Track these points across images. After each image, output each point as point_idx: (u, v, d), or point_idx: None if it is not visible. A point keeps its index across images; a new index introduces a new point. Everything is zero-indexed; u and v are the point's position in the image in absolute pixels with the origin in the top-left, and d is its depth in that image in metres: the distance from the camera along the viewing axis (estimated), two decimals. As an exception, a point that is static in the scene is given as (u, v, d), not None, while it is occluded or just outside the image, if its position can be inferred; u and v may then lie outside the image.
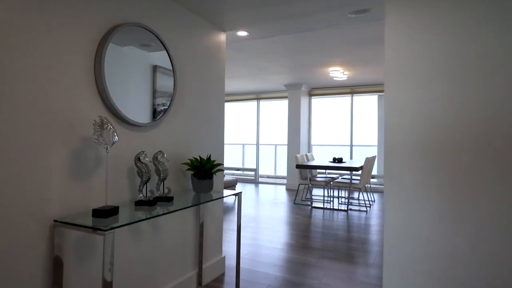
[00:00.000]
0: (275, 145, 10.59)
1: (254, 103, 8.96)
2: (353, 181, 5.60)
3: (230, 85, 8.02)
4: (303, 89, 7.81)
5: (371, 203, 6.08)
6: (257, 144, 8.96)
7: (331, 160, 6.34)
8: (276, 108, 10.06)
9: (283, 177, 9.05)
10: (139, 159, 1.85)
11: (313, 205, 5.83)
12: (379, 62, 5.40)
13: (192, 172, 2.28)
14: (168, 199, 1.96)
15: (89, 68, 1.73)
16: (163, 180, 1.98)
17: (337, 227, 4.48)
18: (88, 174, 1.71)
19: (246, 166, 10.52)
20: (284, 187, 8.08)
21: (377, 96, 8.62)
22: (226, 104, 9.51)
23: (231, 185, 6.31)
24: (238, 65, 5.75)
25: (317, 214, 5.22)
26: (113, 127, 1.64)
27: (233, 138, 10.37)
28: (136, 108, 2.03)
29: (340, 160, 6.14)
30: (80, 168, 1.67)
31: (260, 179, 9.13)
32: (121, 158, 1.91)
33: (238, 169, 9.52)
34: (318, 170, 6.70)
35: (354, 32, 3.93)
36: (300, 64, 5.68)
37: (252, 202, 6.14)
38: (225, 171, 9.45)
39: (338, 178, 6.53)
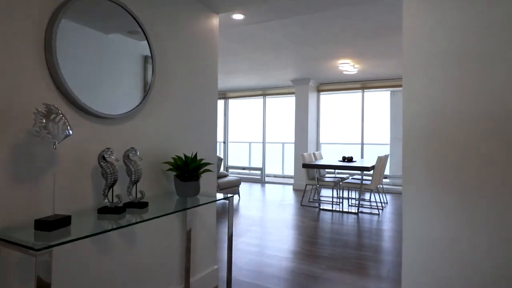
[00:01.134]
0: (283, 144, 10.25)
1: (260, 100, 8.62)
2: (364, 182, 5.22)
3: (234, 81, 7.69)
4: (311, 84, 7.43)
5: (383, 205, 5.68)
6: (263, 143, 8.62)
7: (341, 159, 5.96)
8: (283, 104, 9.70)
9: (290, 177, 8.69)
10: (103, 157, 1.53)
11: (321, 207, 5.47)
12: (392, 54, 4.99)
13: (175, 173, 1.95)
14: (141, 205, 1.64)
15: (39, 49, 1.41)
16: (135, 182, 1.66)
17: (346, 232, 4.11)
18: (37, 175, 1.40)
19: (252, 165, 10.20)
20: (291, 187, 7.72)
21: (389, 92, 8.20)
22: (231, 101, 9.20)
23: (233, 185, 5.98)
24: (240, 59, 5.42)
25: (325, 217, 4.86)
26: (64, 118, 1.32)
27: (239, 136, 10.06)
28: (121, 100, 1.73)
29: (350, 159, 5.75)
30: (25, 169, 1.36)
31: (267, 179, 8.79)
32: (85, 156, 1.59)
33: (243, 168, 9.20)
34: (326, 170, 6.33)
35: (365, 21, 3.55)
36: (307, 57, 5.31)
37: (257, 203, 5.81)
38: (230, 170, 9.14)
39: (348, 178, 6.14)
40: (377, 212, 5.14)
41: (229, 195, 2.07)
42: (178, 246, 2.21)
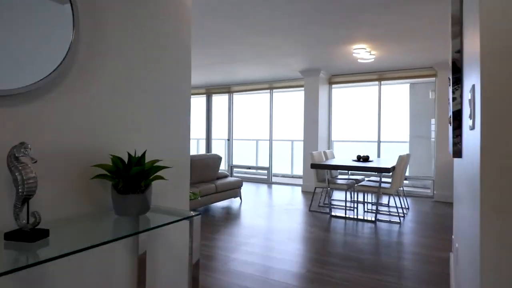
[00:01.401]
0: (292, 141, 9.58)
1: (267, 95, 7.96)
2: (382, 185, 4.51)
3: (239, 73, 7.05)
4: (321, 75, 6.73)
5: (404, 211, 4.96)
6: (270, 140, 7.97)
7: (355, 158, 5.25)
8: (292, 99, 9.02)
9: (300, 177, 8.01)
10: (15, 157, 0.93)
11: (332, 213, 4.78)
12: (414, 36, 4.26)
13: (111, 182, 1.33)
14: (35, 235, 1.01)
15: None
16: (25, 198, 1.03)
17: (362, 247, 3.42)
18: None
19: (260, 164, 9.56)
20: (300, 188, 7.05)
21: (408, 84, 7.42)
22: (236, 96, 8.57)
23: (234, 187, 5.35)
24: (243, 45, 4.77)
25: (337, 226, 4.18)
26: None
27: (245, 133, 9.42)
28: (21, 68, 1.12)
29: (366, 159, 5.04)
30: None
31: (274, 179, 8.14)
32: None
33: (249, 168, 8.56)
34: (339, 171, 5.64)
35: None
36: (316, 41, 4.62)
37: (260, 208, 5.16)
38: (235, 170, 8.53)
39: (363, 180, 5.43)
40: (398, 220, 4.43)
41: (193, 214, 1.44)
42: (125, 282, 1.59)
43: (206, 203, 4.78)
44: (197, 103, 9.08)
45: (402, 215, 4.74)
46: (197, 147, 10.27)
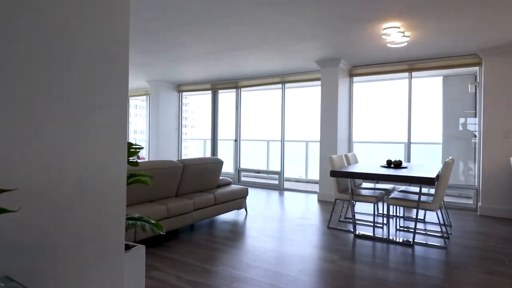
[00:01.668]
0: (306, 142, 8.67)
1: (278, 92, 7.07)
2: (422, 198, 3.57)
3: (247, 65, 6.20)
4: (341, 66, 5.80)
5: (447, 229, 3.99)
6: (282, 141, 7.08)
7: (384, 164, 4.32)
8: (307, 95, 8.11)
9: (316, 182, 7.10)
10: None
11: (357, 232, 3.87)
12: (464, 11, 3.31)
13: None
14: None
15: None
16: None
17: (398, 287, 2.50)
18: None
19: (270, 168, 8.69)
20: (316, 197, 6.14)
21: (441, 77, 6.40)
22: (245, 93, 7.72)
23: (236, 197, 4.50)
24: (244, 22, 3.91)
25: (364, 251, 3.26)
26: None
27: (255, 133, 8.56)
28: None
29: (398, 165, 4.10)
30: None
31: (287, 184, 7.25)
32: None
33: (258, 172, 7.68)
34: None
35: None
36: (339, 16, 3.72)
37: (268, 223, 4.29)
38: (243, 174, 7.68)
39: (393, 189, 4.50)
40: (442, 244, 3.48)
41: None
42: None
43: (201, 217, 3.94)
44: (203, 101, 8.28)
45: (446, 235, 3.78)
46: (203, 149, 9.47)
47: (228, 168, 8.06)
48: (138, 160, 9.99)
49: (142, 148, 1.61)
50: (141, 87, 8.87)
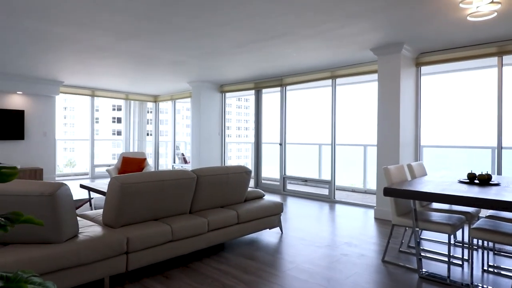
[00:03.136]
0: (364, 146, 7.53)
1: (328, 89, 6.11)
2: (525, 233, 2.43)
3: (291, 58, 5.39)
4: (404, 53, 4.69)
5: None
6: (333, 145, 6.11)
7: (465, 178, 3.18)
8: (366, 92, 7.03)
9: (375, 193, 5.99)
10: None
11: (423, 271, 2.83)
12: None
13: None
14: None
15: None
16: None
17: None
18: None
19: (324, 176, 7.72)
20: (373, 213, 5.08)
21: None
22: (290, 93, 6.91)
23: (268, 213, 3.72)
24: (282, 3, 3.13)
25: (434, 309, 2.25)
26: None
27: (302, 136, 7.67)
28: None
29: (485, 180, 2.95)
30: None
31: (339, 195, 6.25)
32: None
33: (305, 180, 6.78)
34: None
35: None
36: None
37: (305, 249, 3.43)
38: (289, 181, 6.85)
39: (478, 214, 3.33)
40: (562, 304, 2.30)
41: None
42: None
43: (219, 240, 3.23)
44: (247, 101, 7.65)
45: None
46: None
47: (275, 174, 7.30)
48: (184, 164, 9.73)
49: (15, 169, 0.93)
50: (186, 89, 8.55)
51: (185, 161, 9.62)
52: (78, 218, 2.90)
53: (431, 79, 5.62)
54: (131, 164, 6.38)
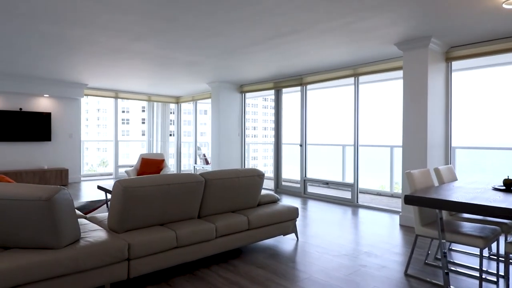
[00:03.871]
0: (391, 147, 7.14)
1: (351, 88, 5.82)
2: None
3: (310, 56, 5.17)
4: (432, 47, 4.34)
5: None
6: (355, 146, 5.81)
7: (500, 185, 2.84)
8: (391, 90, 6.67)
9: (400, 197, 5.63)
10: None
11: (451, 286, 2.54)
12: None
13: None
14: None
15: None
16: None
17: None
18: None
19: (347, 178, 7.42)
20: (399, 219, 4.76)
21: None
22: (310, 92, 6.67)
23: (282, 219, 3.53)
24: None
25: (462, 335, 1.98)
26: None
27: (323, 137, 7.39)
28: None
29: (524, 187, 2.61)
30: None
31: (362, 199, 5.94)
32: None
33: (327, 183, 6.51)
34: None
35: None
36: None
37: (318, 257, 3.21)
38: (310, 184, 6.62)
39: (515, 224, 2.97)
40: None
41: None
42: None
43: (228, 246, 3.08)
44: (265, 101, 7.48)
45: None
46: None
47: (295, 175, 7.08)
48: (206, 165, 9.69)
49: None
50: (206, 90, 8.51)
51: (207, 162, 9.58)
52: (85, 222, 2.85)
53: (465, 75, 5.21)
54: (150, 165, 6.39)
